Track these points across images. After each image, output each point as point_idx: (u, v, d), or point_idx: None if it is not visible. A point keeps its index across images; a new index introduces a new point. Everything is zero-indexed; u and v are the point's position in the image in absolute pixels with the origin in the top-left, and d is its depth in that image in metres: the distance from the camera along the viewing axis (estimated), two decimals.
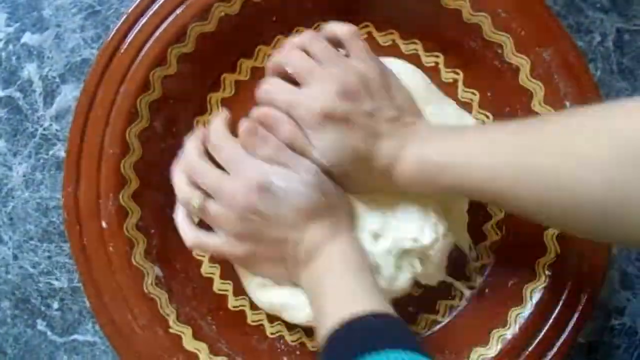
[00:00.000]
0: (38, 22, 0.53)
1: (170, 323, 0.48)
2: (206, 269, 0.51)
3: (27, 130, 0.53)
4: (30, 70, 0.53)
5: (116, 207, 0.47)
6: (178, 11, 0.47)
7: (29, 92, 0.53)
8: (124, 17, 0.47)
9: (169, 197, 0.50)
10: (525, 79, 0.49)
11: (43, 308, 0.53)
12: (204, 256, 0.51)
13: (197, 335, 0.48)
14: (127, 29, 0.47)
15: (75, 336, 0.53)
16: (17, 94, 0.53)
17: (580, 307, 0.48)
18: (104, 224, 0.47)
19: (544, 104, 0.49)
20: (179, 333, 0.48)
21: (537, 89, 0.49)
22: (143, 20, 0.47)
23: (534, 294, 0.48)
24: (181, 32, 0.48)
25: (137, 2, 0.47)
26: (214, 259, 0.51)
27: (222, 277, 0.51)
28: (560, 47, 0.49)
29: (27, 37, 0.53)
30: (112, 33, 0.47)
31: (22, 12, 0.53)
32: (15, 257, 0.53)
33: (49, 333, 0.53)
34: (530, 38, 0.49)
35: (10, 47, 0.53)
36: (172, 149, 0.50)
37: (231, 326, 0.50)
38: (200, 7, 0.47)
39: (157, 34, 0.47)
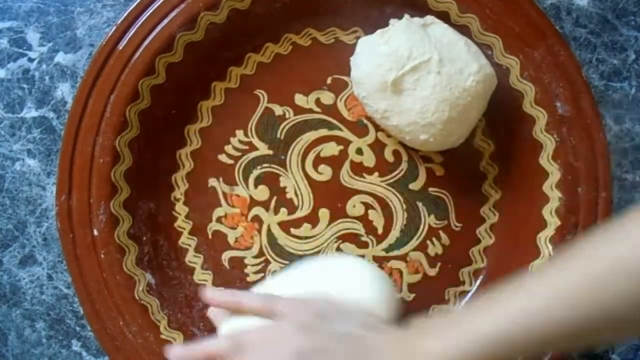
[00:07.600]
0: (71, 41, 0.53)
1: (162, 329, 0.48)
2: (199, 275, 0.51)
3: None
4: (63, 90, 0.53)
5: (107, 215, 0.48)
6: (165, 21, 0.48)
7: (63, 112, 0.52)
8: (114, 28, 0.48)
9: (159, 205, 0.51)
10: (515, 80, 0.49)
11: (78, 329, 0.52)
12: (195, 262, 0.51)
13: (188, 341, 0.48)
14: (116, 40, 0.48)
15: None
16: (51, 114, 0.53)
17: None
18: (95, 232, 0.48)
19: (535, 105, 0.49)
20: (170, 339, 0.48)
21: (528, 90, 0.49)
22: (132, 30, 0.48)
23: None
24: (169, 41, 0.48)
25: (126, 13, 0.48)
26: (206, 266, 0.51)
27: (214, 283, 0.51)
28: (551, 46, 0.48)
29: (61, 57, 0.53)
30: (103, 44, 0.48)
31: (55, 32, 0.53)
32: (49, 278, 0.52)
33: (84, 354, 0.52)
34: (520, 38, 0.48)
35: (44, 66, 0.53)
36: (162, 158, 0.51)
37: None
38: (186, 17, 0.48)
39: (145, 44, 0.48)
